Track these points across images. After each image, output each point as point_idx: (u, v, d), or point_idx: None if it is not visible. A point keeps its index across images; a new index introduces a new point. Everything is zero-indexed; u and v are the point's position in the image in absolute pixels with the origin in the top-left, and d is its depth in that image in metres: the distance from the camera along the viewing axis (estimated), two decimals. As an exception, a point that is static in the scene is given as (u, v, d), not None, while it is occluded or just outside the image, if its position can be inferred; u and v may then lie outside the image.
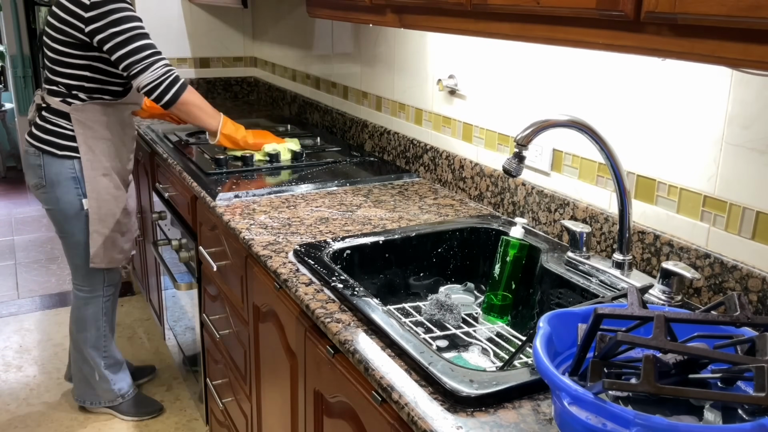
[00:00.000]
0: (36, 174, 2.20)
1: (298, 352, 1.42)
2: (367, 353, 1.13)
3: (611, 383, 0.78)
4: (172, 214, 2.37)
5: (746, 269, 1.21)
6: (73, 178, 2.18)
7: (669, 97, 1.33)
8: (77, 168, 2.18)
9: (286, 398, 1.54)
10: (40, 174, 2.18)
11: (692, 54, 0.90)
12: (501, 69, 1.77)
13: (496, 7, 1.21)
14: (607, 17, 0.99)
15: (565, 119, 1.29)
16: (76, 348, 2.44)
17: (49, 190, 2.19)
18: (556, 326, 0.96)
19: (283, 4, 3.14)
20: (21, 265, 3.97)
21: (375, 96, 2.41)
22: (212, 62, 3.52)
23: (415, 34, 2.12)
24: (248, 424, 1.87)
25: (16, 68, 5.36)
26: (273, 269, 1.46)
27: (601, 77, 1.48)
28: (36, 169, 2.19)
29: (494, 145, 1.83)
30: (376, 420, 1.11)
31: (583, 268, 1.42)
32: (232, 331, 1.90)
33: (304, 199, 1.90)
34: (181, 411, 2.60)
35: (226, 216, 1.75)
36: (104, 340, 2.44)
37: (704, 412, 0.88)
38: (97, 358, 2.43)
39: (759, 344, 0.82)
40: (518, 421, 0.95)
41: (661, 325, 0.83)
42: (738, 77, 1.20)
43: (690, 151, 1.30)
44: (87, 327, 2.40)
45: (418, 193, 1.98)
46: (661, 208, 1.38)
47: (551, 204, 1.63)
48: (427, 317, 1.47)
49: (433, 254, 1.64)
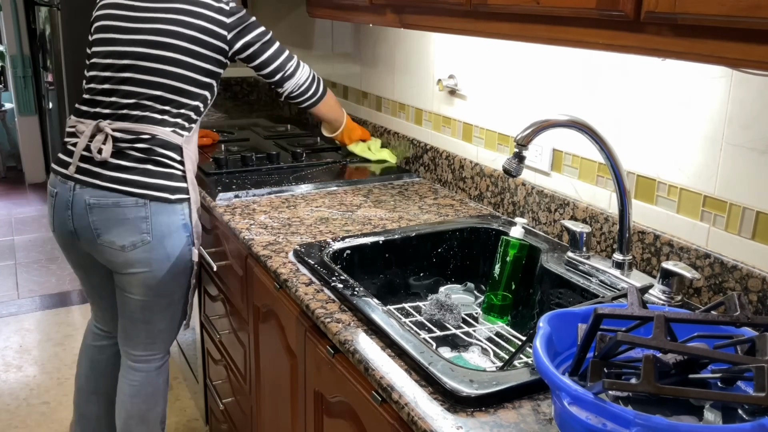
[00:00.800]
0: (138, 229, 1.70)
1: (298, 352, 1.42)
2: (367, 353, 1.13)
3: (611, 383, 0.78)
4: (172, 214, 2.36)
5: (746, 269, 1.21)
6: (184, 225, 1.76)
7: (669, 96, 1.33)
8: (187, 213, 1.77)
9: (286, 398, 1.54)
10: (145, 228, 1.70)
11: (692, 54, 0.90)
12: (501, 69, 1.77)
13: (496, 7, 1.21)
14: (607, 17, 0.99)
15: (565, 119, 1.29)
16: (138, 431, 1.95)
17: (156, 246, 1.73)
18: (556, 326, 0.96)
19: (283, 4, 3.14)
20: (21, 265, 3.97)
21: (375, 96, 2.41)
22: (212, 62, 3.51)
23: (415, 34, 2.12)
24: (248, 424, 1.87)
25: (16, 68, 5.36)
26: (273, 269, 1.46)
27: (601, 77, 1.48)
28: (138, 223, 1.69)
29: (494, 145, 1.83)
30: (376, 420, 1.11)
31: (583, 268, 1.42)
32: (232, 331, 1.90)
33: (304, 199, 1.90)
34: (181, 411, 2.60)
35: (226, 216, 1.75)
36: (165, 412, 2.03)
37: (704, 412, 0.88)
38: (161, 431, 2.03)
39: (759, 344, 0.82)
40: (518, 421, 0.95)
41: (661, 325, 0.83)
42: (738, 77, 1.20)
43: (690, 151, 1.30)
44: (159, 401, 1.96)
45: (418, 193, 1.98)
46: (661, 208, 1.38)
47: (551, 204, 1.63)
48: (427, 317, 1.47)
49: (433, 254, 1.64)
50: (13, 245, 4.29)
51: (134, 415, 1.93)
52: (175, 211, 1.73)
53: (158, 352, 1.91)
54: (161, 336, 1.88)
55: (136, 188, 1.68)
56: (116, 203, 1.68)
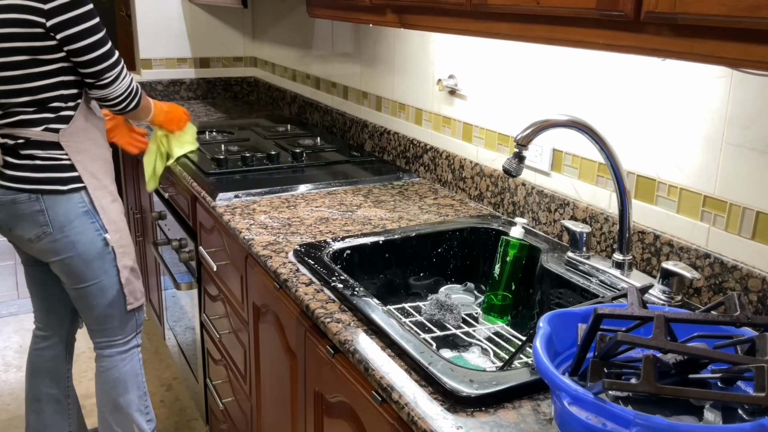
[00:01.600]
0: (36, 222, 1.79)
1: (298, 352, 1.42)
2: (367, 353, 1.13)
3: (611, 383, 0.78)
4: (172, 214, 2.37)
5: (746, 269, 1.21)
6: (85, 212, 1.82)
7: (669, 97, 1.33)
8: (86, 200, 1.82)
9: (286, 398, 1.54)
10: (42, 221, 1.79)
11: (692, 54, 0.90)
12: (501, 69, 1.77)
13: (496, 7, 1.21)
14: (607, 17, 0.99)
15: (565, 119, 1.29)
16: (115, 420, 2.04)
17: (58, 236, 1.81)
18: (556, 326, 0.96)
19: (283, 4, 3.14)
20: (21, 265, 3.97)
21: (375, 96, 2.41)
22: (212, 62, 3.52)
23: (415, 34, 2.12)
24: (248, 424, 1.87)
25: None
26: (273, 269, 1.46)
27: (601, 77, 1.48)
28: (35, 217, 1.78)
29: (494, 145, 1.83)
30: (376, 420, 1.11)
31: (583, 268, 1.42)
32: (232, 331, 1.91)
33: (304, 199, 1.90)
34: (181, 411, 2.60)
35: (226, 216, 1.75)
36: (146, 399, 2.09)
37: (704, 412, 0.88)
38: (142, 423, 2.07)
39: (759, 344, 0.82)
40: (518, 421, 0.95)
41: (661, 325, 0.83)
42: (738, 77, 1.20)
43: (690, 151, 1.30)
44: (128, 388, 2.02)
45: (418, 193, 1.98)
46: (661, 208, 1.38)
47: (551, 204, 1.63)
48: (427, 317, 1.47)
49: (433, 254, 1.64)
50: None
51: (106, 402, 2.03)
52: (71, 200, 1.80)
53: (115, 337, 2.00)
54: (110, 321, 1.97)
55: (27, 184, 1.77)
56: (13, 200, 1.79)
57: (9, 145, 1.78)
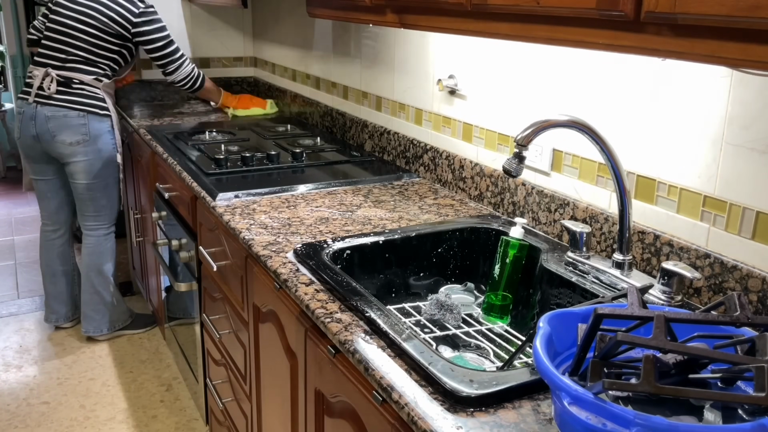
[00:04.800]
0: (79, 131, 2.70)
1: (299, 352, 1.42)
2: (367, 353, 1.13)
3: (611, 383, 0.78)
4: (172, 214, 2.37)
5: (746, 269, 1.21)
6: (109, 131, 2.78)
7: (669, 97, 1.33)
8: (110, 124, 2.78)
9: (286, 398, 1.54)
10: (84, 131, 2.70)
11: (692, 54, 0.90)
12: (501, 69, 1.77)
13: (496, 7, 1.21)
14: (607, 17, 0.99)
15: (565, 119, 1.29)
16: (97, 282, 2.91)
17: (91, 143, 2.73)
18: (556, 326, 0.96)
19: (283, 4, 3.14)
20: (21, 265, 3.97)
21: (375, 96, 2.41)
22: (212, 62, 3.52)
23: (415, 34, 2.12)
24: (248, 424, 1.87)
25: (16, 68, 5.36)
26: (273, 269, 1.46)
27: (601, 77, 1.48)
28: (80, 127, 2.70)
29: (494, 145, 1.83)
30: (376, 420, 1.11)
31: (583, 268, 1.42)
32: (232, 331, 1.91)
33: (304, 199, 1.90)
34: (181, 411, 2.60)
35: (226, 216, 1.75)
36: (115, 269, 3.00)
37: (704, 412, 0.88)
38: (113, 285, 2.98)
39: (759, 344, 0.82)
40: (518, 421, 0.95)
41: (661, 325, 0.83)
42: (738, 77, 1.20)
43: (690, 151, 1.30)
44: (110, 258, 2.94)
45: (418, 193, 1.98)
46: (661, 208, 1.38)
47: (551, 204, 1.63)
48: (427, 317, 1.47)
49: (433, 254, 1.64)
50: (13, 245, 4.29)
51: (92, 267, 2.92)
52: (103, 121, 2.76)
53: (104, 222, 2.90)
54: (104, 210, 2.88)
55: (79, 105, 2.70)
56: (65, 115, 2.69)
57: (62, 81, 2.69)
